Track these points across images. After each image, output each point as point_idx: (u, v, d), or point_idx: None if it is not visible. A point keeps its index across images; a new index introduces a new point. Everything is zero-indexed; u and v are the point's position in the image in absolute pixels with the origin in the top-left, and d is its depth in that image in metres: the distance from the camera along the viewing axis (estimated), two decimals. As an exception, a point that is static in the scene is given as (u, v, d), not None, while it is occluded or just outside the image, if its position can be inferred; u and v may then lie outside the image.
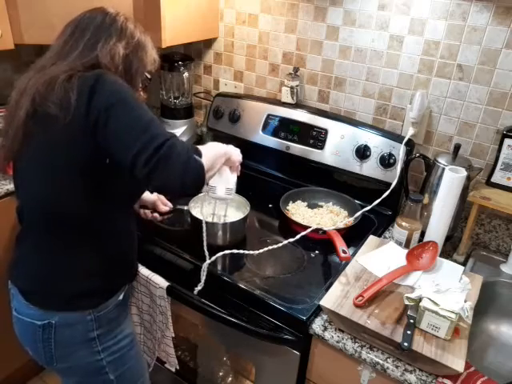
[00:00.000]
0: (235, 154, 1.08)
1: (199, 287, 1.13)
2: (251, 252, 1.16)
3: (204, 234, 1.17)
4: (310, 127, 1.51)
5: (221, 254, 1.15)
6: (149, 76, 1.10)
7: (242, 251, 1.16)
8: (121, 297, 1.07)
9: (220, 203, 1.21)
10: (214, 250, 1.17)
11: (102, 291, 1.03)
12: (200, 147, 0.96)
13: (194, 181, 0.88)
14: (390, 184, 1.34)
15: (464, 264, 1.22)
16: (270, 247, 1.15)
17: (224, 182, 1.09)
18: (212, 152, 0.98)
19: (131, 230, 1.10)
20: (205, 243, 1.16)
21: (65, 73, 0.89)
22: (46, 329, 0.98)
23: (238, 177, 1.13)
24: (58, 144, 0.92)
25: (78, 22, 0.98)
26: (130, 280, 1.16)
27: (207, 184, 1.11)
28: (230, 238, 1.25)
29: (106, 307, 1.02)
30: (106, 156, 0.92)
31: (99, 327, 1.02)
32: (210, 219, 1.21)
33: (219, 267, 1.18)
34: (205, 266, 1.12)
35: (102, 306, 1.02)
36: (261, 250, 1.15)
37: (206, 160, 0.92)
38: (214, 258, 1.12)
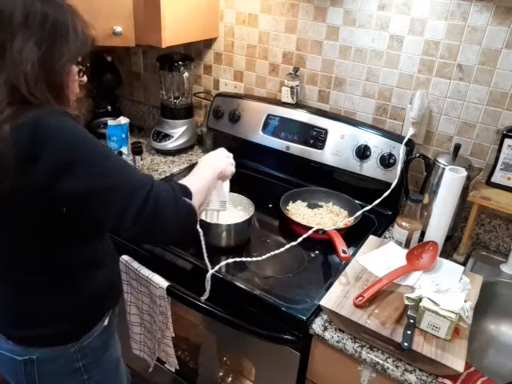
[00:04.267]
0: (228, 168, 1.02)
1: (205, 296, 1.12)
2: (254, 259, 1.15)
3: (203, 244, 1.16)
4: (310, 127, 1.51)
5: (224, 262, 1.14)
6: (81, 60, 0.85)
7: (245, 259, 1.15)
8: (106, 322, 1.01)
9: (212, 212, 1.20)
10: (217, 252, 1.17)
11: (84, 325, 0.96)
12: (192, 180, 0.88)
13: (186, 226, 0.83)
14: (390, 184, 1.34)
15: (464, 264, 1.22)
16: (273, 252, 1.15)
17: (218, 195, 1.06)
18: (205, 181, 0.91)
19: (106, 259, 1.00)
20: (204, 252, 1.15)
21: None
22: (28, 364, 0.92)
23: (235, 178, 1.11)
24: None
25: None
26: (114, 304, 1.06)
27: None
28: (235, 240, 1.24)
29: (89, 337, 0.96)
30: (66, 216, 0.81)
31: (84, 357, 0.96)
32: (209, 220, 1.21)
33: (220, 268, 1.17)
34: (208, 276, 1.11)
35: (85, 337, 0.95)
36: (264, 257, 1.14)
37: (197, 197, 0.84)
38: (217, 267, 1.11)
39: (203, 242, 1.16)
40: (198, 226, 1.16)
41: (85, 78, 0.88)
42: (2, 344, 0.93)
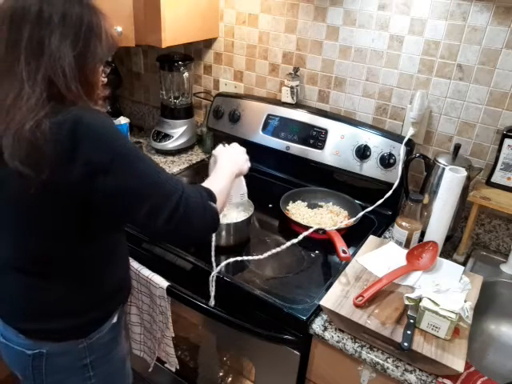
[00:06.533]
0: (245, 165, 1.08)
1: (211, 303, 1.11)
2: (256, 257, 1.15)
3: (213, 244, 1.15)
4: (310, 127, 1.51)
5: (225, 262, 1.13)
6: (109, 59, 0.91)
7: (246, 257, 1.15)
8: (115, 319, 1.02)
9: (229, 208, 1.22)
10: (217, 251, 1.17)
11: (95, 321, 0.97)
12: (214, 184, 0.92)
13: (211, 228, 0.88)
14: (390, 184, 1.34)
15: (464, 264, 1.22)
16: (275, 250, 1.14)
17: (237, 188, 1.12)
18: (226, 181, 0.97)
19: (122, 254, 1.04)
20: (213, 252, 1.15)
21: (25, 120, 0.72)
22: (37, 358, 0.94)
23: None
24: (31, 206, 0.82)
25: (12, 13, 0.75)
26: (124, 301, 1.08)
27: None
28: (234, 239, 1.24)
29: (98, 333, 0.97)
30: (96, 212, 0.84)
31: (92, 353, 0.97)
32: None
33: (220, 268, 1.17)
34: (212, 277, 1.10)
35: (94, 333, 0.97)
36: (265, 255, 1.13)
37: (219, 200, 0.89)
38: (218, 268, 1.11)
39: (213, 243, 1.16)
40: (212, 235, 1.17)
41: (105, 79, 0.91)
42: (13, 338, 0.94)
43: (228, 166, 1.02)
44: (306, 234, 1.21)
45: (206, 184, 0.92)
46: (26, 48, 0.74)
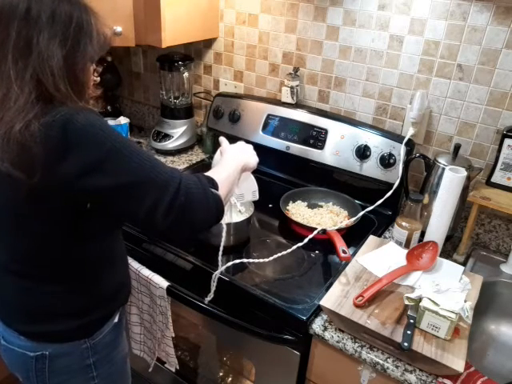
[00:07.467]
0: (251, 161, 1.05)
1: (209, 298, 1.11)
2: (261, 260, 1.14)
3: (223, 240, 1.14)
4: (310, 127, 1.51)
5: (231, 263, 1.13)
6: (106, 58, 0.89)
7: (252, 260, 1.15)
8: (116, 319, 1.02)
9: (227, 208, 1.21)
10: (216, 251, 1.17)
11: (96, 321, 0.97)
12: (216, 172, 0.91)
13: (215, 214, 0.85)
14: (390, 184, 1.34)
15: (464, 264, 1.22)
16: (280, 254, 1.14)
17: (248, 186, 1.11)
18: (229, 173, 0.95)
19: (120, 255, 1.03)
20: (221, 250, 1.14)
21: (14, 121, 0.71)
22: (40, 359, 0.93)
23: None
24: (24, 209, 0.81)
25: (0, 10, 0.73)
26: (125, 302, 1.08)
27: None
28: (234, 239, 1.24)
29: (101, 333, 0.97)
30: (92, 213, 0.83)
31: (95, 353, 0.97)
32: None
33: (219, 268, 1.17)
34: (215, 276, 1.10)
35: (97, 333, 0.97)
36: (271, 258, 1.13)
37: (223, 187, 0.88)
38: (224, 267, 1.11)
39: (223, 239, 1.14)
40: (223, 221, 1.15)
41: (98, 78, 0.90)
42: (14, 340, 0.94)
43: (232, 156, 1.01)
44: (311, 236, 1.21)
45: (208, 173, 0.91)
46: (14, 47, 0.73)
